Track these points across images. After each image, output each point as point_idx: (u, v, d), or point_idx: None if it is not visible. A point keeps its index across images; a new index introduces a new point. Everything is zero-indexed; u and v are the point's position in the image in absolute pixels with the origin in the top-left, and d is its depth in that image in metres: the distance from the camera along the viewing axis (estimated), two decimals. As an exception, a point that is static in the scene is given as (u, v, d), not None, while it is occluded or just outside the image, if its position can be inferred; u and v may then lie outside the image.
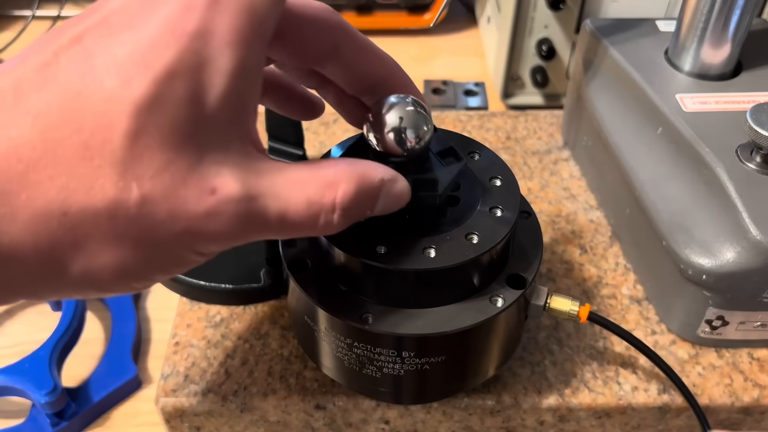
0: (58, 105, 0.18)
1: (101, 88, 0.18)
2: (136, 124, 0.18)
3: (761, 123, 0.32)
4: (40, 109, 0.18)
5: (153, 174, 0.18)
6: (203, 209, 0.19)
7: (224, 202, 0.19)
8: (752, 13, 0.38)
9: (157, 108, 0.18)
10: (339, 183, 0.22)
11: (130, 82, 0.18)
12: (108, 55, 0.18)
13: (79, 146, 0.18)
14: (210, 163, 0.19)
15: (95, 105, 0.18)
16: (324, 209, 0.22)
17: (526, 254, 0.30)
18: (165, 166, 0.18)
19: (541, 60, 0.56)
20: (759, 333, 0.35)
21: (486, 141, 0.49)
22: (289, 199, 0.21)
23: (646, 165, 0.38)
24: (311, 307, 0.29)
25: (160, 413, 0.34)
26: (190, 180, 0.19)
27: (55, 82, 0.18)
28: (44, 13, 0.69)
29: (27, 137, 0.18)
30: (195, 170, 0.19)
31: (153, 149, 0.18)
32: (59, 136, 0.18)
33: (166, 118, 0.18)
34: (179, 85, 0.18)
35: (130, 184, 0.18)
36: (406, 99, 0.26)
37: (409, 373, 0.29)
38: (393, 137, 0.25)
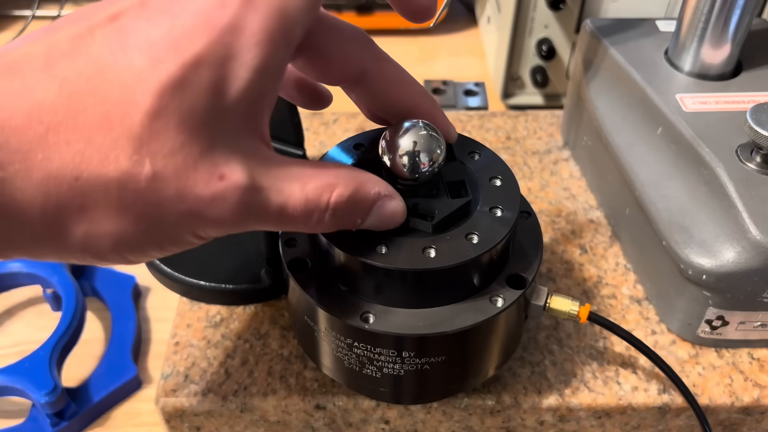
0: (86, 74, 0.18)
1: (131, 66, 0.19)
2: (158, 104, 0.18)
3: (761, 123, 0.32)
4: (68, 76, 0.18)
5: (167, 153, 0.19)
6: (210, 193, 0.20)
7: (230, 189, 0.20)
8: (752, 13, 0.38)
9: (180, 91, 0.19)
10: (336, 185, 0.23)
11: (159, 64, 0.18)
12: (142, 36, 0.19)
13: (100, 116, 0.18)
14: (221, 151, 0.20)
15: (122, 80, 0.18)
16: (318, 208, 0.22)
17: (526, 254, 0.30)
18: (179, 148, 0.19)
19: (541, 60, 0.56)
20: (759, 333, 0.35)
21: (486, 141, 0.49)
22: (290, 195, 0.22)
23: (646, 165, 0.38)
24: (311, 307, 0.29)
25: (160, 413, 0.34)
26: (201, 164, 0.19)
27: (87, 53, 0.19)
28: (44, 13, 0.69)
29: (52, 101, 0.18)
30: (206, 155, 0.19)
31: (170, 130, 0.19)
32: (83, 104, 0.18)
33: (188, 102, 0.19)
34: (204, 73, 0.19)
35: (143, 159, 0.19)
36: (419, 124, 0.27)
37: (409, 373, 0.29)
38: (403, 161, 0.27)
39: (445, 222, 0.28)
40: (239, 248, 0.39)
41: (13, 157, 0.18)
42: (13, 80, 0.18)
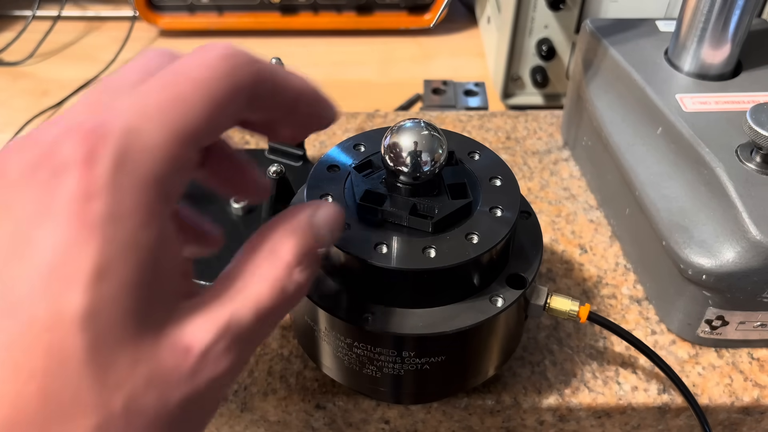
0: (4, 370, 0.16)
1: (34, 321, 0.16)
2: (85, 340, 0.16)
3: (761, 123, 0.32)
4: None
5: (126, 374, 0.17)
6: (187, 371, 0.18)
7: (205, 352, 0.18)
8: (752, 13, 0.38)
9: (98, 313, 0.16)
10: (278, 246, 0.21)
11: (61, 300, 0.16)
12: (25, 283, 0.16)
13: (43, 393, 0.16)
14: (171, 330, 0.18)
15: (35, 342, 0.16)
16: (285, 277, 0.21)
17: (526, 254, 0.30)
18: (135, 360, 0.17)
19: (541, 60, 0.57)
20: (759, 333, 0.35)
21: (486, 141, 0.49)
22: (257, 294, 0.20)
23: (646, 165, 0.38)
24: (311, 307, 0.29)
25: (160, 413, 0.34)
26: (163, 354, 0.18)
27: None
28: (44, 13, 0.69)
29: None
30: (162, 344, 0.18)
31: (115, 351, 0.17)
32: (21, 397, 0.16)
33: (112, 317, 0.17)
34: (112, 281, 0.17)
35: (109, 398, 0.17)
36: (421, 124, 0.27)
37: (409, 373, 0.29)
38: (404, 160, 0.27)
39: (445, 222, 0.28)
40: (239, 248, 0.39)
41: None
42: None
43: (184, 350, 0.18)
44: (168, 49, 0.21)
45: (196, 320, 0.19)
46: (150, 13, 0.68)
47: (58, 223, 0.16)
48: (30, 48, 0.66)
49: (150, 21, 0.68)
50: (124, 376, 0.17)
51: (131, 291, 0.17)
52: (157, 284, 0.18)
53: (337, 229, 0.24)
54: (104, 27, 0.72)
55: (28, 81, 0.64)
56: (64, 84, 0.63)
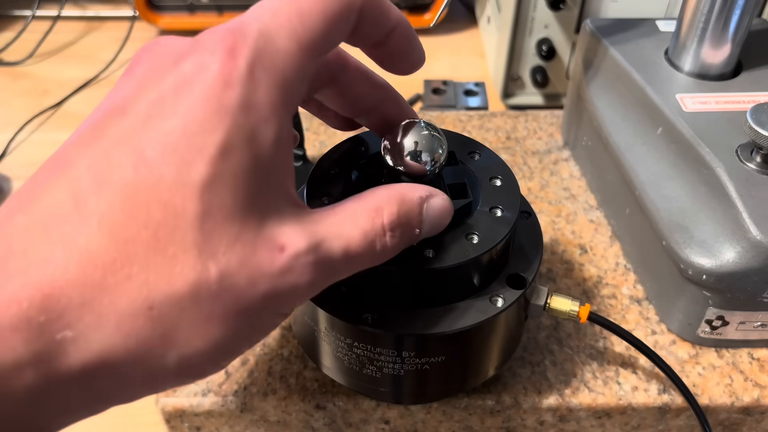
0: (119, 204, 0.18)
1: (160, 179, 0.18)
2: (201, 207, 0.18)
3: (761, 123, 0.32)
4: (102, 212, 0.18)
5: (226, 249, 0.19)
6: (278, 268, 0.19)
7: (295, 256, 0.20)
8: (752, 13, 0.38)
9: (217, 186, 0.18)
10: (382, 207, 0.23)
11: (188, 167, 0.18)
12: (158, 146, 0.18)
13: (150, 240, 0.18)
14: (272, 226, 0.20)
15: (157, 196, 0.18)
16: (377, 235, 0.22)
17: (526, 254, 0.30)
18: (235, 239, 0.19)
19: (541, 60, 0.57)
20: (759, 333, 0.35)
21: (486, 141, 0.49)
22: (348, 236, 0.22)
23: (646, 165, 0.38)
24: (311, 307, 0.29)
25: (160, 413, 0.34)
26: (260, 244, 0.19)
27: (112, 182, 0.18)
28: (44, 13, 0.69)
29: (96, 243, 0.18)
30: (261, 235, 0.19)
31: (221, 226, 0.18)
32: (128, 235, 0.18)
33: (227, 194, 0.18)
34: (233, 161, 0.19)
35: (206, 263, 0.18)
36: (421, 124, 0.27)
37: (409, 373, 0.29)
38: (405, 161, 0.27)
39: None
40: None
41: (81, 312, 0.17)
42: (51, 235, 0.18)
43: (278, 247, 0.20)
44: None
45: (294, 227, 0.20)
46: (150, 13, 0.68)
47: (197, 102, 0.18)
48: (30, 48, 0.66)
49: (150, 21, 0.68)
50: (223, 250, 0.18)
51: (248, 174, 0.19)
52: (269, 177, 0.20)
53: (440, 224, 0.25)
54: (104, 27, 0.72)
55: (28, 81, 0.64)
56: (64, 84, 0.62)
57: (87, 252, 0.17)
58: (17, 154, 0.54)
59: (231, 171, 0.18)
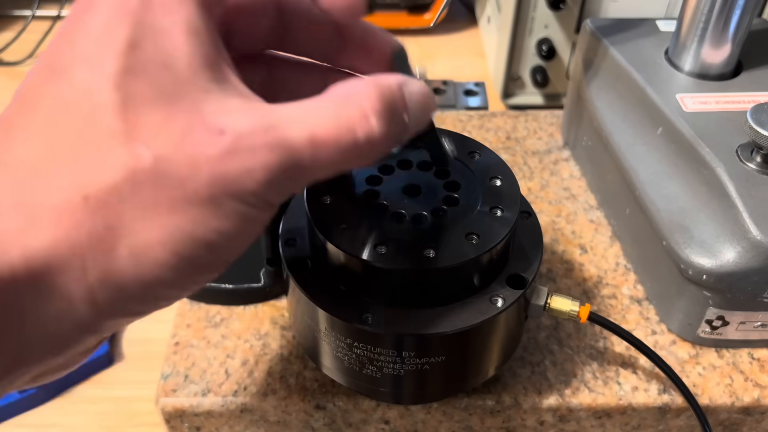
0: (41, 114, 0.19)
1: (74, 82, 0.19)
2: (118, 95, 0.19)
3: (761, 123, 0.32)
4: (28, 127, 0.19)
5: (155, 133, 0.19)
6: (219, 149, 0.19)
7: (238, 137, 0.19)
8: (752, 13, 0.38)
9: (131, 77, 0.19)
10: (358, 92, 0.20)
11: (101, 64, 0.19)
12: (67, 55, 0.20)
13: (74, 136, 0.19)
14: (209, 111, 0.19)
15: (75, 97, 0.19)
16: (356, 119, 0.20)
17: (526, 254, 0.30)
18: (164, 123, 0.19)
19: (541, 60, 0.56)
20: (759, 333, 0.35)
21: (486, 141, 0.49)
22: (313, 121, 0.20)
23: (647, 165, 0.38)
24: (311, 307, 0.29)
25: (160, 413, 0.34)
26: (196, 128, 0.19)
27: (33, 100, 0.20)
28: (44, 13, 0.69)
29: (25, 153, 0.19)
30: (196, 119, 0.19)
31: (145, 112, 0.19)
32: (52, 137, 0.19)
33: (144, 82, 0.19)
34: (142, 53, 0.19)
35: (135, 148, 0.18)
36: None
37: (409, 373, 0.29)
38: None
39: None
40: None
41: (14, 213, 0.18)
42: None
43: (217, 130, 0.19)
44: None
45: (237, 113, 0.20)
46: (150, 13, 0.68)
47: (102, 9, 0.20)
48: (30, 48, 0.66)
49: (150, 21, 0.68)
50: (151, 135, 0.19)
51: (161, 64, 0.19)
52: (191, 66, 0.20)
53: (426, 110, 0.23)
54: (104, 27, 0.72)
55: (28, 81, 0.64)
56: (64, 84, 0.63)
57: (15, 164, 0.18)
58: (17, 154, 0.54)
59: (142, 62, 0.19)
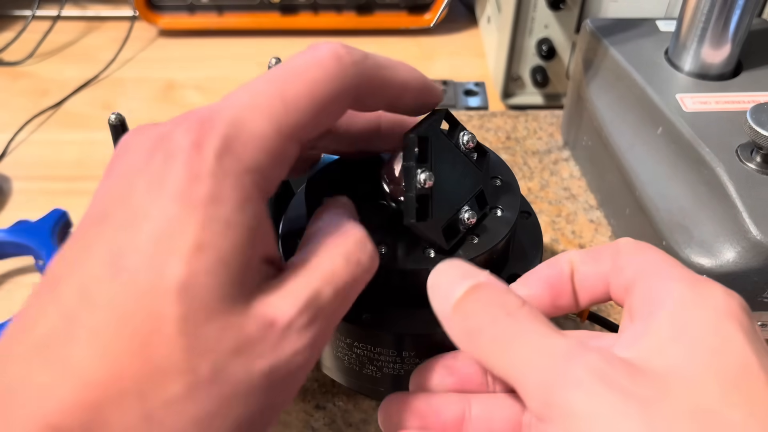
0: (105, 319, 0.18)
1: (139, 288, 0.18)
2: (180, 310, 0.18)
3: (761, 123, 0.32)
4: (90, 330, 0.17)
5: (213, 345, 0.18)
6: (273, 340, 0.19)
7: (288, 323, 0.19)
8: (752, 13, 0.38)
9: (193, 285, 0.18)
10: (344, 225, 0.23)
11: (164, 270, 0.18)
12: (135, 252, 0.18)
13: (137, 350, 0.17)
14: (256, 305, 0.19)
15: (138, 306, 0.18)
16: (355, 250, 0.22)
17: (526, 254, 0.30)
18: (222, 332, 0.18)
19: (541, 60, 0.56)
20: (759, 333, 0.35)
21: (486, 141, 0.49)
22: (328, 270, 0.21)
23: (646, 165, 0.38)
24: (311, 307, 0.29)
25: (160, 413, 0.34)
26: (250, 328, 0.19)
27: (95, 296, 0.18)
28: (44, 13, 0.69)
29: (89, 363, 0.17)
30: (249, 317, 0.19)
31: (204, 324, 0.18)
32: (117, 349, 0.17)
33: (206, 290, 0.18)
34: (209, 255, 0.18)
35: (196, 364, 0.18)
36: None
37: (410, 373, 0.29)
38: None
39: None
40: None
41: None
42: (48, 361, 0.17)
43: (269, 323, 0.19)
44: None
45: (279, 296, 0.20)
46: (150, 13, 0.68)
47: (168, 201, 0.18)
48: (30, 48, 0.66)
49: (150, 21, 0.68)
50: (212, 344, 0.18)
51: (225, 266, 0.18)
52: (248, 262, 0.19)
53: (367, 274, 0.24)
54: (104, 27, 0.72)
55: (28, 81, 0.64)
56: (64, 84, 0.62)
57: (82, 374, 0.17)
58: (17, 154, 0.54)
59: (207, 266, 0.18)
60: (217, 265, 0.18)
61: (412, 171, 0.25)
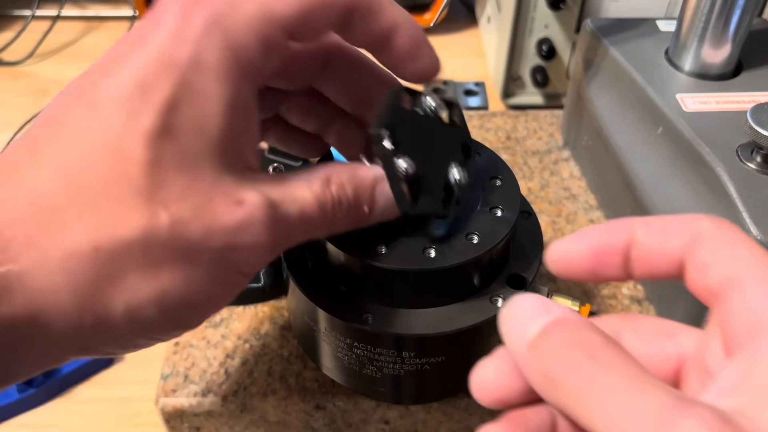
0: (70, 151, 0.19)
1: (111, 128, 0.19)
2: (150, 154, 0.18)
3: (761, 123, 0.32)
4: (53, 158, 0.19)
5: (178, 197, 0.19)
6: (235, 221, 0.19)
7: (253, 212, 0.20)
8: (752, 12, 0.37)
9: (166, 136, 0.19)
10: (332, 176, 0.23)
11: (138, 117, 0.18)
12: (110, 97, 0.19)
13: (100, 185, 0.18)
14: (229, 181, 0.20)
15: (107, 144, 0.18)
16: (327, 201, 0.22)
17: (527, 254, 0.30)
18: (188, 189, 0.19)
19: (542, 60, 0.56)
20: (759, 333, 0.35)
21: (486, 141, 0.49)
22: (303, 199, 0.22)
23: (647, 165, 0.38)
24: (311, 307, 0.29)
25: (159, 413, 0.34)
26: (217, 196, 0.19)
27: (64, 131, 0.19)
28: (44, 12, 0.69)
29: (46, 186, 0.18)
30: (218, 188, 0.19)
31: (172, 175, 0.19)
32: (78, 180, 0.18)
33: (177, 145, 0.19)
34: (182, 115, 0.19)
35: (157, 209, 0.18)
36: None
37: (409, 374, 0.29)
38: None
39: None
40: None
41: (26, 248, 0.18)
42: (6, 180, 0.18)
43: (236, 201, 0.20)
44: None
45: (251, 186, 0.20)
46: (150, 13, 0.68)
47: (149, 57, 0.19)
48: (29, 48, 0.66)
49: (150, 21, 0.68)
50: (175, 198, 0.19)
51: (198, 130, 0.19)
52: (224, 136, 0.20)
53: (390, 211, 0.25)
54: (104, 27, 0.72)
55: (28, 81, 0.64)
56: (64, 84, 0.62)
57: (36, 194, 0.18)
58: (17, 154, 0.54)
59: (178, 124, 0.19)
60: (191, 125, 0.19)
61: (391, 162, 0.25)
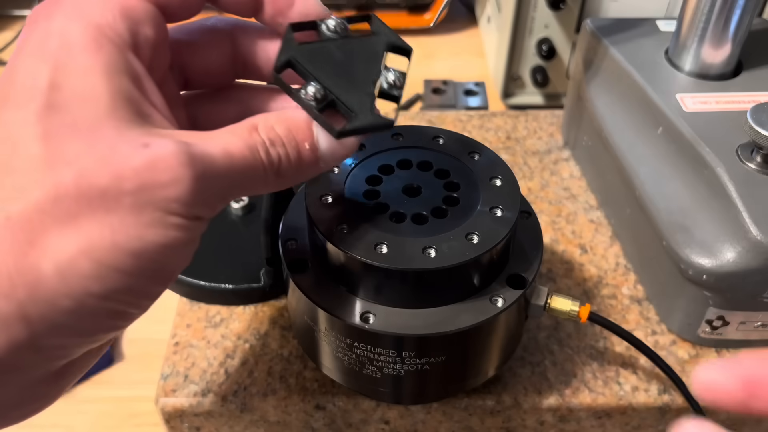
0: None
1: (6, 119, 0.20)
2: (41, 127, 0.20)
3: (761, 123, 0.32)
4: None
5: (80, 154, 0.19)
6: (144, 159, 0.19)
7: (161, 148, 0.20)
8: (752, 12, 0.37)
9: (54, 112, 0.20)
10: (259, 123, 0.23)
11: (26, 102, 0.20)
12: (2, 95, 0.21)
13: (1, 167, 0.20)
14: (135, 134, 0.20)
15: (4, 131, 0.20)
16: (258, 144, 0.22)
17: (527, 254, 0.30)
18: (89, 147, 0.20)
19: (541, 60, 0.56)
20: (759, 333, 0.35)
21: (486, 141, 0.49)
22: (225, 140, 0.21)
23: (647, 165, 0.38)
24: (311, 308, 0.29)
25: (159, 413, 0.34)
26: (121, 145, 0.20)
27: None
28: (44, 13, 0.69)
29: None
30: (122, 140, 0.20)
31: (67, 140, 0.20)
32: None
33: (68, 116, 0.20)
34: (64, 90, 0.20)
35: (58, 167, 0.19)
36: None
37: (409, 374, 0.29)
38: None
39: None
40: (239, 248, 0.39)
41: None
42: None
43: (143, 144, 0.20)
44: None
45: (159, 134, 0.21)
46: (150, 13, 0.68)
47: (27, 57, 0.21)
48: (30, 48, 0.66)
49: (150, 21, 0.68)
50: (74, 158, 0.19)
51: (81, 99, 0.20)
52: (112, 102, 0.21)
53: (336, 159, 0.24)
54: (104, 27, 0.72)
55: (28, 81, 0.64)
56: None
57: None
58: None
59: (63, 99, 0.20)
60: (72, 98, 0.20)
61: (298, 96, 0.23)
